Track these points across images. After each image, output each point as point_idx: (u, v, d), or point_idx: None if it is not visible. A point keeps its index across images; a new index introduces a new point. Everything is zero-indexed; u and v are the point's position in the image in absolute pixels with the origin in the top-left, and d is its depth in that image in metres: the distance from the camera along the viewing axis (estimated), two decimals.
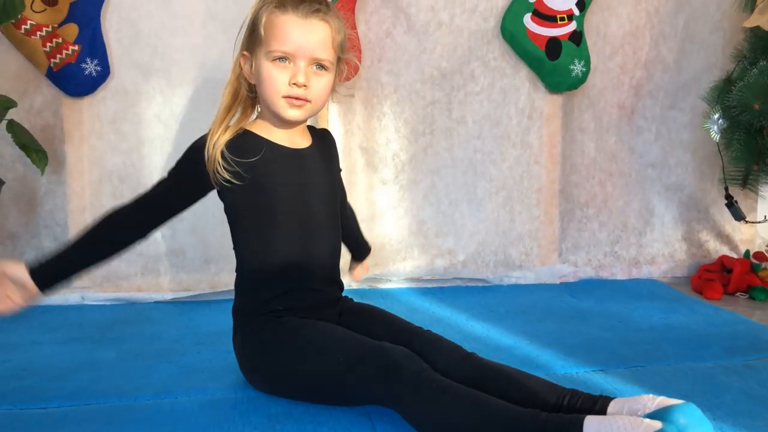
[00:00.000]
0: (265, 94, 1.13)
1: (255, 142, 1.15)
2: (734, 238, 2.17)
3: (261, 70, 1.12)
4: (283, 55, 1.10)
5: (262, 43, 1.11)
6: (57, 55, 1.68)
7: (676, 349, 1.42)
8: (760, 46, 1.78)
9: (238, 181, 1.11)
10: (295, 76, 1.11)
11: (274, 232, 1.16)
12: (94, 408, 1.11)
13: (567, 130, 2.04)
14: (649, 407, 0.91)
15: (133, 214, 1.15)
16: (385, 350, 1.03)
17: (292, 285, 1.17)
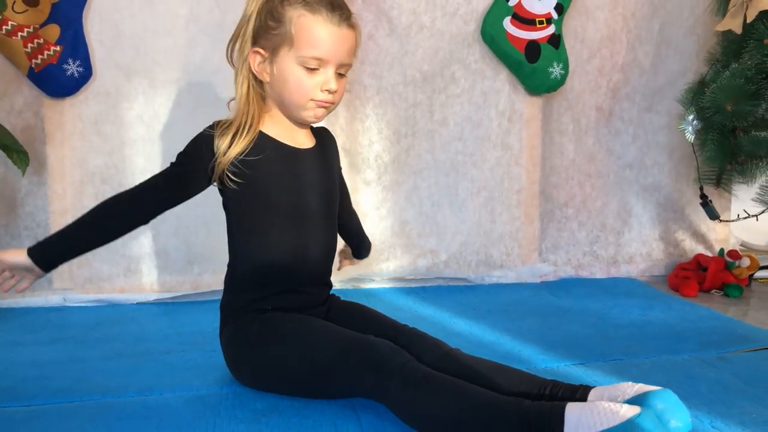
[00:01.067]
0: (289, 96, 1.13)
1: (261, 141, 1.15)
2: (709, 238, 2.22)
3: (287, 72, 1.11)
4: (317, 63, 1.10)
5: (292, 45, 1.09)
6: (38, 55, 1.68)
7: (653, 343, 1.45)
8: (732, 49, 1.83)
9: (239, 179, 1.12)
10: (327, 82, 1.11)
11: (270, 232, 1.16)
12: (77, 405, 1.11)
13: (546, 132, 2.07)
14: (629, 393, 0.94)
15: (134, 201, 1.15)
16: (371, 343, 1.05)
17: (283, 286, 1.18)
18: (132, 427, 1.02)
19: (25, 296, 1.76)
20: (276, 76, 1.13)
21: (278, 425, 1.03)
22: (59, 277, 1.78)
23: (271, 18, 1.11)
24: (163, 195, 1.15)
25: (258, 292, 1.17)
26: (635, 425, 0.84)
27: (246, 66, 1.15)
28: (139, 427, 1.02)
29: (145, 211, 1.15)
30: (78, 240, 1.14)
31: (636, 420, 0.84)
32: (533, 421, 0.89)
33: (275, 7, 1.11)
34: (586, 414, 0.87)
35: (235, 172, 1.12)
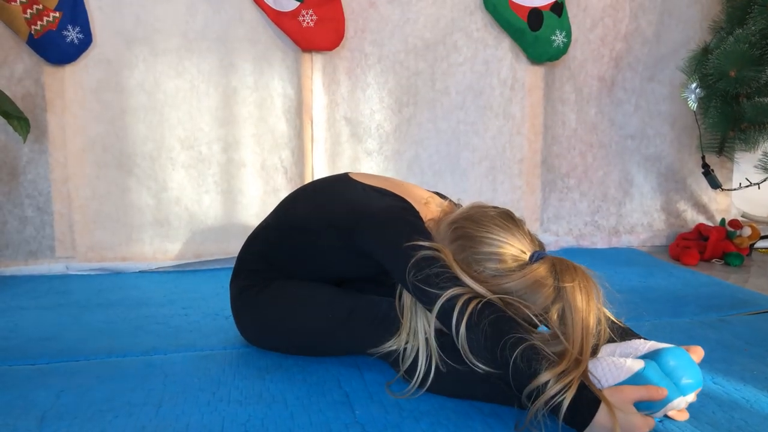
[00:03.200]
0: None
1: None
2: (710, 208, 2.22)
3: None
4: None
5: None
6: (38, 21, 1.67)
7: (655, 307, 1.46)
8: (736, 16, 1.82)
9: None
10: None
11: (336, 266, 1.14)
12: (83, 364, 1.12)
13: (549, 101, 2.07)
14: (641, 350, 0.94)
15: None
16: (374, 302, 1.06)
17: (302, 275, 1.16)
18: (138, 383, 1.02)
19: (28, 264, 1.77)
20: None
21: (281, 381, 1.03)
22: (61, 245, 1.79)
23: None
24: None
25: (276, 266, 1.16)
26: (641, 377, 0.85)
27: None
28: (145, 383, 1.03)
29: None
30: None
31: (642, 373, 0.85)
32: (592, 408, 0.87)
33: None
34: (594, 368, 0.88)
35: None
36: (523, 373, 0.84)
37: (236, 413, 0.92)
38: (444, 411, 0.93)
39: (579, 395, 0.82)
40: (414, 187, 1.17)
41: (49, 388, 1.01)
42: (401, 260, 0.94)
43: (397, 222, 1.01)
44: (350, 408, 0.94)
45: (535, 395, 0.83)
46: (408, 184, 1.19)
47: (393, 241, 0.98)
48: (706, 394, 0.99)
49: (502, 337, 0.86)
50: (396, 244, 0.96)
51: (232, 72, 1.83)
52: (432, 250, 0.94)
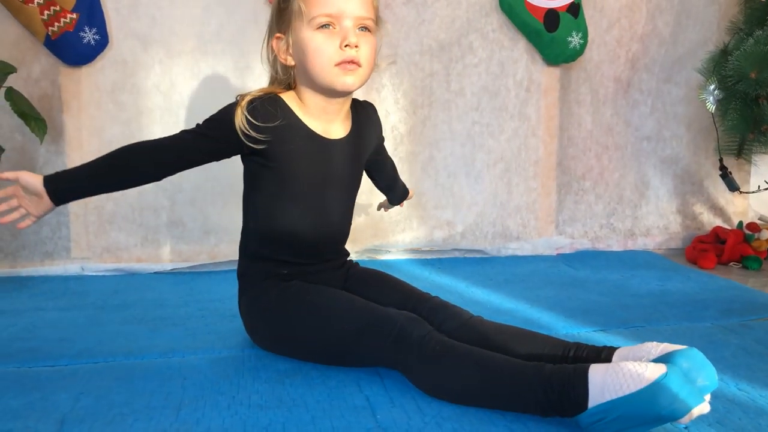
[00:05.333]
0: (313, 67, 1.07)
1: (286, 113, 1.11)
2: (728, 210, 2.20)
3: (305, 42, 1.07)
4: (329, 20, 1.05)
5: (302, 13, 1.06)
6: (55, 23, 1.67)
7: (673, 311, 1.45)
8: (755, 17, 1.80)
9: (258, 145, 1.09)
10: (346, 37, 1.05)
11: (285, 204, 1.16)
12: (102, 365, 1.12)
13: (564, 102, 2.05)
14: (654, 353, 0.93)
15: (155, 152, 1.11)
16: (391, 316, 1.04)
17: (294, 256, 1.18)
18: (157, 385, 1.02)
19: (44, 265, 1.77)
20: (297, 53, 1.10)
21: (301, 385, 1.03)
22: (77, 246, 1.79)
23: (282, 2, 1.10)
24: (188, 154, 1.12)
25: (272, 257, 1.17)
26: (662, 386, 0.83)
27: (270, 53, 1.15)
28: (165, 385, 1.02)
29: (164, 166, 1.12)
30: (92, 181, 1.11)
31: (663, 381, 0.83)
32: (556, 386, 0.88)
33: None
34: (611, 376, 0.85)
35: (257, 139, 1.09)
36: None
37: (257, 417, 0.92)
38: (467, 416, 0.92)
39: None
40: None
41: (69, 390, 1.01)
42: None
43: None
44: (371, 412, 0.94)
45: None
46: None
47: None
48: (731, 400, 0.98)
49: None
50: None
51: (247, 74, 1.83)
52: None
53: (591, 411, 0.85)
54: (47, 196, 1.07)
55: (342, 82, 1.08)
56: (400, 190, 1.53)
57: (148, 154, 1.11)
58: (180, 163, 1.12)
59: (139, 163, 1.11)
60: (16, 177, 1.07)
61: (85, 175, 1.10)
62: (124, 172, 1.11)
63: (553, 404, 0.88)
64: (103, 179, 1.11)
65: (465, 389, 0.96)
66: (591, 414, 0.85)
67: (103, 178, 1.11)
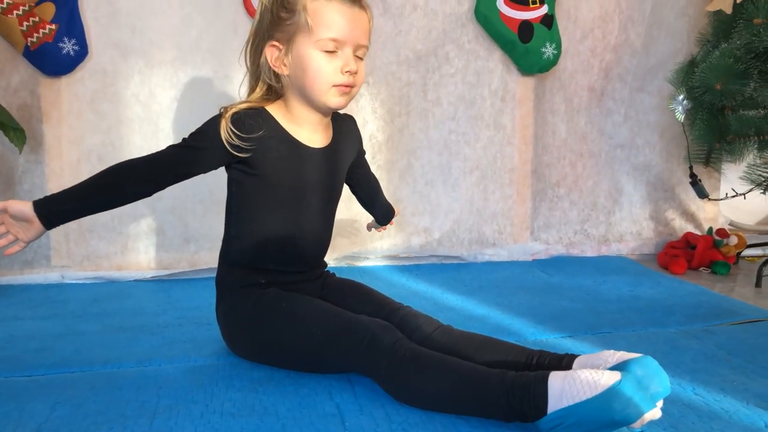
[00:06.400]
0: (311, 83, 1.12)
1: (269, 124, 1.15)
2: (698, 216, 2.26)
3: (307, 60, 1.10)
4: (335, 46, 1.10)
5: (309, 31, 1.09)
6: (34, 34, 1.69)
7: (641, 317, 1.49)
8: (722, 29, 1.85)
9: (243, 153, 1.13)
10: (347, 64, 1.10)
11: (267, 211, 1.18)
12: (78, 375, 1.14)
13: (539, 111, 2.10)
14: (611, 361, 0.97)
15: (144, 168, 1.13)
16: (363, 323, 1.08)
17: (275, 265, 1.21)
18: (133, 395, 1.04)
19: (23, 273, 1.78)
20: (295, 66, 1.12)
21: (274, 393, 1.06)
22: (57, 254, 1.81)
23: (283, 9, 1.11)
24: (176, 168, 1.14)
25: (252, 265, 1.20)
26: (616, 392, 0.87)
27: (258, 63, 1.16)
28: (140, 394, 1.05)
29: (154, 182, 1.14)
30: (82, 202, 1.12)
31: (616, 388, 0.87)
32: (518, 393, 0.92)
33: (287, 1, 1.11)
34: (569, 383, 0.89)
35: (242, 148, 1.12)
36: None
37: (229, 426, 0.94)
38: (432, 423, 0.95)
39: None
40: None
41: (45, 400, 1.02)
42: None
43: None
44: (341, 420, 0.96)
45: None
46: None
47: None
48: (686, 404, 1.02)
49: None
50: None
51: (226, 83, 1.85)
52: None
53: (550, 416, 0.89)
54: (38, 221, 1.09)
55: (336, 102, 1.14)
56: (384, 207, 1.54)
57: (137, 171, 1.13)
58: (169, 177, 1.14)
59: (128, 181, 1.13)
60: (3, 207, 1.08)
61: (75, 196, 1.11)
62: (113, 191, 1.13)
63: (515, 410, 0.92)
64: (93, 199, 1.13)
65: (432, 395, 0.99)
66: (550, 419, 0.89)
67: (94, 198, 1.12)
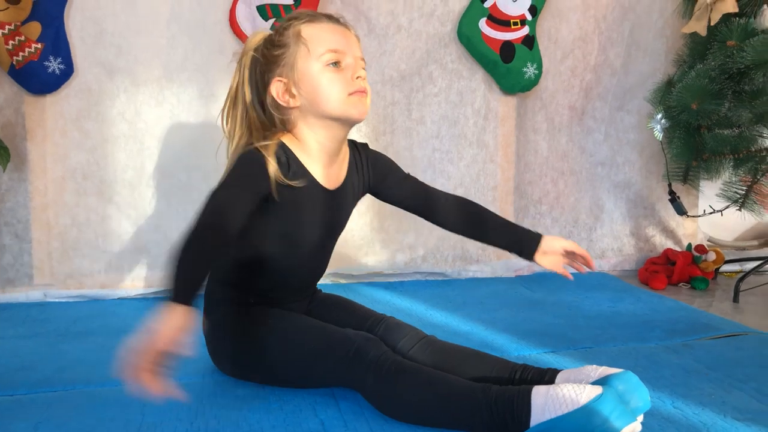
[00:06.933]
0: (328, 99, 1.11)
1: (296, 162, 1.13)
2: (678, 233, 2.29)
3: (316, 78, 1.11)
4: (336, 57, 1.11)
5: (309, 52, 1.11)
6: (20, 52, 1.69)
7: (621, 332, 1.51)
8: (697, 50, 1.91)
9: (274, 195, 1.10)
10: (355, 70, 1.12)
11: (274, 241, 1.18)
12: (61, 394, 1.14)
13: (521, 130, 2.13)
14: (593, 376, 0.99)
15: (219, 232, 1.05)
16: (348, 337, 1.09)
17: (270, 288, 1.21)
18: (117, 413, 1.05)
19: (5, 292, 1.77)
20: (305, 90, 1.12)
21: (258, 410, 1.06)
22: (39, 273, 1.80)
23: (274, 48, 1.14)
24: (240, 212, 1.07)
25: (243, 287, 1.21)
26: (596, 407, 0.89)
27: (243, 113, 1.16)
28: (124, 412, 1.05)
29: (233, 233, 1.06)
30: (195, 277, 1.03)
31: (597, 402, 0.89)
32: (501, 406, 0.93)
33: (273, 39, 1.14)
34: (552, 397, 0.92)
35: (288, 187, 1.11)
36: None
37: None
38: None
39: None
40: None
41: (28, 420, 1.02)
42: None
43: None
44: None
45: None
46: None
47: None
48: (666, 418, 1.03)
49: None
50: None
51: (212, 102, 1.87)
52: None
53: (532, 429, 0.91)
54: (188, 312, 0.99)
55: (358, 111, 1.13)
56: (500, 224, 1.34)
57: (216, 236, 1.05)
58: (240, 221, 1.07)
59: (214, 246, 1.05)
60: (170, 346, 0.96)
61: (192, 280, 1.03)
62: (210, 257, 1.05)
63: (498, 423, 0.93)
64: (201, 272, 1.04)
65: (416, 408, 1.00)
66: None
67: (200, 270, 1.04)
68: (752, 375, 1.22)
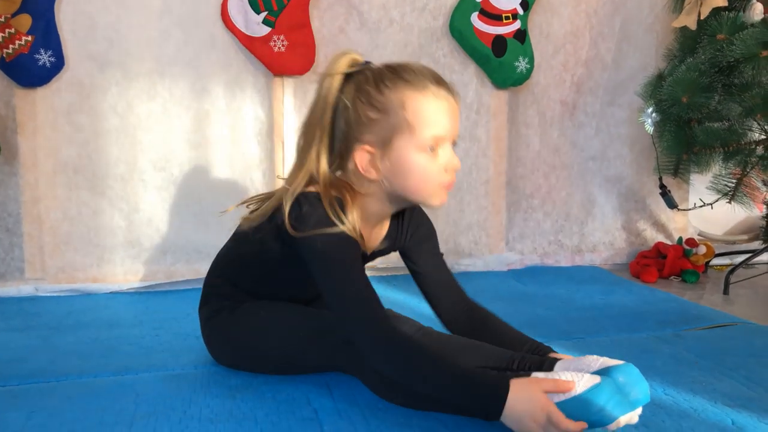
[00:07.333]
0: (415, 187, 1.02)
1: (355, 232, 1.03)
2: (669, 227, 2.31)
3: (410, 162, 1.00)
4: (437, 143, 1.00)
5: (410, 132, 0.99)
6: (9, 45, 1.68)
7: (614, 323, 1.52)
8: (687, 44, 1.92)
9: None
10: (451, 161, 1.02)
11: (289, 276, 1.15)
12: (53, 385, 1.13)
13: (513, 124, 2.14)
14: (593, 366, 0.98)
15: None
16: None
17: (274, 296, 1.19)
18: (110, 402, 1.04)
19: None
20: (393, 170, 1.01)
21: (252, 399, 1.06)
22: (31, 267, 1.79)
23: (372, 109, 1.00)
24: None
25: (246, 290, 1.19)
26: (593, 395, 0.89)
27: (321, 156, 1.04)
28: (117, 403, 1.04)
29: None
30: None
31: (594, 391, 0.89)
32: (502, 393, 0.92)
33: (373, 98, 1.00)
34: None
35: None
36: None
37: (207, 431, 0.94)
38: (410, 426, 0.96)
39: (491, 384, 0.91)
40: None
41: (20, 410, 1.02)
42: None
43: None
44: (319, 424, 0.97)
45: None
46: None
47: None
48: (657, 404, 1.04)
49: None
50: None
51: (204, 95, 1.86)
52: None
53: None
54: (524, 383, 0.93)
55: (441, 201, 1.05)
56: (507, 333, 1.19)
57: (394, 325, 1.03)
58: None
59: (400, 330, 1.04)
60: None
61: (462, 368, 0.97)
62: (418, 343, 1.02)
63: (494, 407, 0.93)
64: (446, 358, 1.00)
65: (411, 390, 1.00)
66: None
67: (445, 357, 1.00)
68: (742, 363, 1.23)
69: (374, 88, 1.00)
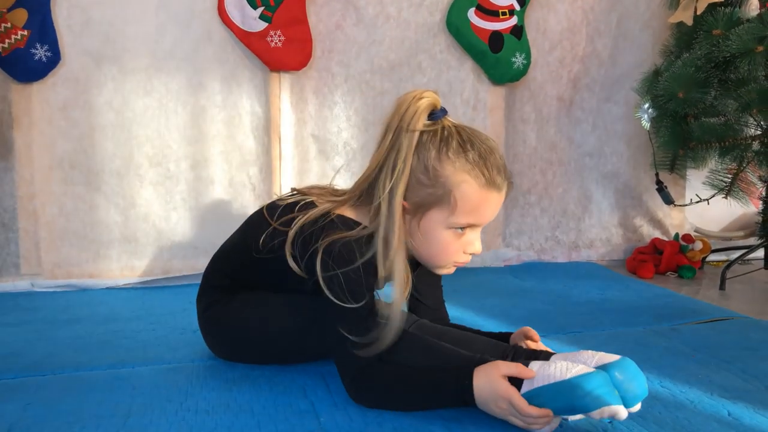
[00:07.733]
0: (430, 256, 1.04)
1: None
2: (665, 223, 2.31)
3: (435, 235, 1.00)
4: (468, 226, 1.00)
5: (449, 210, 0.98)
6: (5, 39, 1.68)
7: (610, 317, 1.52)
8: (684, 40, 1.92)
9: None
10: (472, 245, 1.02)
11: (293, 294, 1.13)
12: (50, 378, 1.13)
13: (510, 120, 2.14)
14: (589, 362, 0.98)
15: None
16: None
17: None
18: (105, 396, 1.04)
19: None
20: (419, 234, 1.01)
21: (248, 392, 1.06)
22: (26, 262, 1.79)
23: (424, 173, 0.97)
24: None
25: (241, 284, 1.19)
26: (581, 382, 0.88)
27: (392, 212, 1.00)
28: (113, 395, 1.04)
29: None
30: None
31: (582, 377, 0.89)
32: (467, 383, 0.93)
33: (430, 162, 0.97)
34: (544, 368, 0.92)
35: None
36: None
37: (204, 422, 0.94)
38: (406, 417, 0.96)
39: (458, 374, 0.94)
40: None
41: (17, 402, 1.01)
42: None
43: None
44: (315, 416, 0.97)
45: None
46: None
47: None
48: (654, 396, 1.04)
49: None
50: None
51: (200, 90, 1.86)
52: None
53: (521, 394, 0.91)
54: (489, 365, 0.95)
55: (447, 272, 1.08)
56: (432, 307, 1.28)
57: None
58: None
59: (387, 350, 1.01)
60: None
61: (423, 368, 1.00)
62: (392, 350, 1.02)
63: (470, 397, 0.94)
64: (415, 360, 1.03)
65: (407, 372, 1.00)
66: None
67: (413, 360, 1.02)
68: (738, 356, 1.23)
69: (435, 152, 0.97)
